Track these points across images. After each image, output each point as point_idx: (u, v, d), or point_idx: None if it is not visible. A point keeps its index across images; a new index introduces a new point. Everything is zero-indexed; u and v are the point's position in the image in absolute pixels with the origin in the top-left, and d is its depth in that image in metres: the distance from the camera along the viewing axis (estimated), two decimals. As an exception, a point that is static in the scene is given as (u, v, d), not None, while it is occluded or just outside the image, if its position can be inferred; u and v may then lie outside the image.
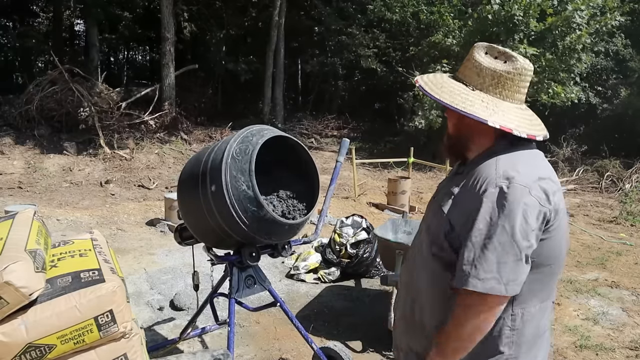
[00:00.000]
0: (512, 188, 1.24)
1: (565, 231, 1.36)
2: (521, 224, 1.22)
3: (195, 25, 14.62)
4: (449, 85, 1.36)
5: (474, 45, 1.41)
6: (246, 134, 2.43)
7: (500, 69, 1.33)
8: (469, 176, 1.35)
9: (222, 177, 2.28)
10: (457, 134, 1.43)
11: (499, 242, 1.22)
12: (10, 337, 1.48)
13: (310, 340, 2.80)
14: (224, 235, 2.43)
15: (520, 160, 1.32)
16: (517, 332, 1.34)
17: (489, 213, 1.24)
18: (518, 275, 1.24)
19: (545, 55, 10.74)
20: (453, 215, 1.33)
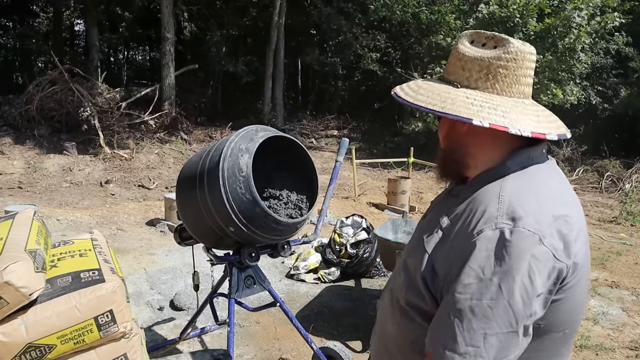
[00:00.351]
0: (518, 234, 0.92)
1: (585, 288, 1.04)
2: (524, 284, 0.91)
3: (195, 25, 14.62)
4: (428, 87, 1.06)
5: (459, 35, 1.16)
6: (245, 134, 2.43)
7: (488, 56, 1.03)
8: (464, 203, 1.04)
9: (220, 178, 2.28)
10: (450, 148, 1.11)
11: (490, 307, 0.91)
12: (10, 337, 1.48)
13: (310, 340, 2.80)
14: (223, 235, 2.43)
15: (534, 189, 1.00)
16: None
17: (482, 264, 0.93)
18: (510, 351, 0.93)
19: (545, 56, 10.74)
20: (438, 257, 1.02)
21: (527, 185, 1.00)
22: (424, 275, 1.02)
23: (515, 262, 0.91)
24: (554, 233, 0.94)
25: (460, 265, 0.95)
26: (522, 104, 1.04)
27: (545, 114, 1.07)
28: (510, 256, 0.91)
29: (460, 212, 1.02)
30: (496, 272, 0.91)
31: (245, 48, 17.14)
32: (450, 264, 0.98)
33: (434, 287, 1.01)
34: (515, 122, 0.98)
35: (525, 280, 0.91)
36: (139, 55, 23.72)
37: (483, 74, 1.03)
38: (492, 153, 1.05)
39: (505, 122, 0.97)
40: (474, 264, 0.93)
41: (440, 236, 1.04)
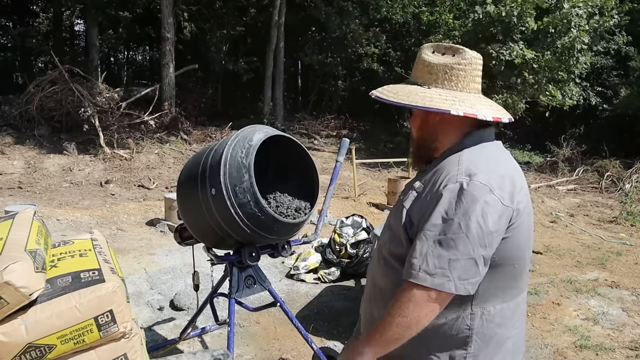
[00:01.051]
0: (473, 185, 1.21)
1: (528, 230, 1.34)
2: (478, 222, 1.18)
3: (195, 25, 14.62)
4: (404, 89, 1.34)
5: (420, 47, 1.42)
6: (245, 134, 2.43)
7: (450, 62, 1.33)
8: (431, 172, 1.33)
9: (221, 178, 2.28)
10: (423, 136, 1.41)
11: (453, 239, 1.19)
12: (10, 337, 1.48)
13: (310, 340, 2.80)
14: (224, 235, 2.43)
15: (484, 156, 1.30)
16: (477, 330, 1.30)
17: (446, 208, 1.21)
18: (471, 275, 1.20)
19: (545, 55, 10.73)
20: (413, 210, 1.30)
21: (479, 153, 1.31)
22: (405, 225, 1.30)
23: (471, 205, 1.19)
24: (501, 185, 1.24)
25: (430, 210, 1.23)
26: (478, 97, 1.34)
27: (494, 104, 1.37)
28: (467, 201, 1.20)
29: (429, 178, 1.32)
30: (457, 213, 1.20)
31: (245, 48, 17.14)
32: (422, 212, 1.26)
33: (411, 232, 1.29)
34: (481, 111, 1.29)
35: (480, 219, 1.19)
36: (139, 55, 23.73)
37: (448, 76, 1.33)
38: (453, 136, 1.36)
39: (473, 111, 1.28)
40: (440, 208, 1.22)
41: (415, 195, 1.33)
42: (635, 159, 11.44)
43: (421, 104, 1.28)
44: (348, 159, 8.75)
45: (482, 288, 1.26)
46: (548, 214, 7.84)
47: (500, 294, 1.32)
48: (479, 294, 1.27)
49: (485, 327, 1.31)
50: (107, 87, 11.65)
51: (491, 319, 1.31)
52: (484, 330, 1.31)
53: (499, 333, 1.33)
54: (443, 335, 1.30)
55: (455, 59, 1.33)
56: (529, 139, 14.71)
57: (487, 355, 1.33)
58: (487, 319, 1.31)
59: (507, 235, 1.25)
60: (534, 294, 4.40)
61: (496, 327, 1.32)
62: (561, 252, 5.86)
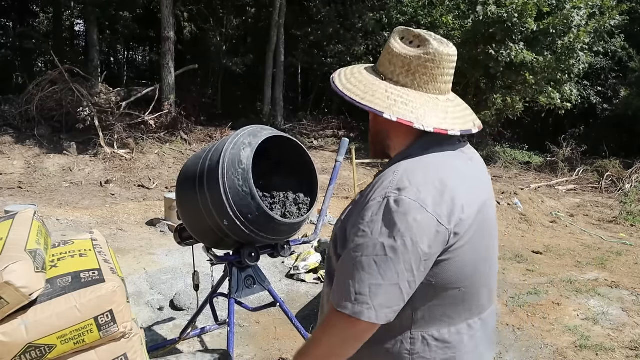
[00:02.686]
0: (401, 202, 1.05)
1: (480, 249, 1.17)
2: (405, 243, 1.03)
3: (195, 25, 14.62)
4: (359, 77, 1.19)
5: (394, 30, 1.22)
6: (244, 134, 2.43)
7: (410, 54, 1.14)
8: (373, 182, 1.17)
9: (220, 178, 2.28)
10: (375, 132, 1.29)
11: (375, 262, 1.04)
12: (11, 337, 1.48)
13: (310, 340, 2.79)
14: (223, 236, 2.43)
15: (425, 167, 1.12)
16: (418, 356, 1.17)
17: (370, 226, 1.06)
18: (394, 303, 1.06)
19: (546, 56, 10.73)
20: (348, 224, 1.15)
21: (419, 163, 1.13)
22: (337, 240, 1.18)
23: (398, 223, 1.04)
24: (437, 202, 1.06)
25: (355, 227, 1.09)
26: (435, 100, 1.16)
27: (457, 109, 1.19)
28: (394, 219, 1.04)
29: (368, 187, 1.16)
30: (382, 233, 1.04)
31: (245, 48, 17.13)
32: (352, 225, 1.12)
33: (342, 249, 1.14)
34: (422, 118, 1.11)
35: (407, 239, 1.03)
36: (139, 55, 23.72)
37: (404, 70, 1.15)
38: (404, 138, 1.20)
39: (412, 118, 1.11)
40: (364, 226, 1.07)
41: (351, 207, 1.20)
42: (635, 159, 11.44)
43: (359, 98, 1.13)
44: (348, 158, 8.75)
45: (421, 313, 1.15)
46: (548, 214, 7.84)
47: (446, 319, 1.18)
48: (419, 318, 1.15)
49: (428, 352, 1.17)
50: (107, 87, 11.64)
51: (435, 344, 1.17)
52: (426, 356, 1.17)
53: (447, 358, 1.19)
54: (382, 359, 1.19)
55: (417, 51, 1.14)
56: (529, 139, 14.71)
57: None
58: (430, 344, 1.17)
59: (446, 258, 1.10)
60: (534, 294, 4.40)
61: (442, 351, 1.18)
62: (561, 252, 5.87)
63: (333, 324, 1.11)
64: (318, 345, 1.14)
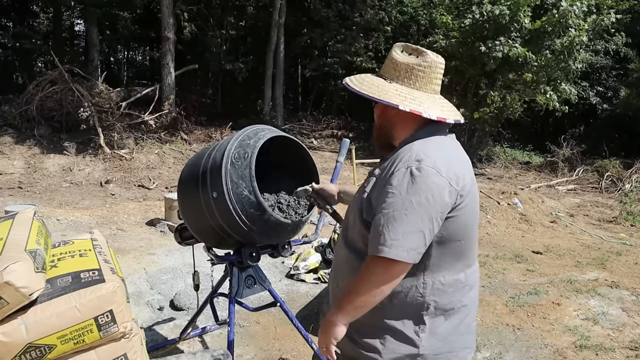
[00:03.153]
0: (421, 169, 1.37)
1: (474, 211, 1.52)
2: (427, 199, 1.35)
3: (195, 25, 14.61)
4: (370, 81, 1.53)
5: (394, 45, 1.58)
6: (246, 134, 2.43)
7: (412, 62, 1.49)
8: (389, 160, 1.49)
9: (222, 178, 2.28)
10: (382, 125, 1.60)
11: (406, 214, 1.35)
12: (11, 337, 1.48)
13: (310, 340, 2.80)
14: (225, 236, 2.43)
15: (433, 145, 1.46)
16: (429, 298, 1.48)
17: (398, 189, 1.37)
18: (418, 245, 1.37)
19: (545, 55, 10.72)
20: (373, 194, 1.47)
21: (429, 143, 1.47)
22: (361, 209, 1.49)
23: (421, 185, 1.36)
24: (447, 169, 1.40)
25: (385, 191, 1.40)
26: (432, 97, 1.52)
27: (448, 106, 1.55)
28: (417, 182, 1.36)
29: (386, 164, 1.49)
30: (409, 192, 1.36)
31: (245, 48, 17.13)
32: (379, 194, 1.43)
33: (367, 214, 1.46)
34: (427, 110, 1.47)
35: (429, 196, 1.36)
36: (139, 55, 23.72)
37: (408, 74, 1.51)
38: (408, 128, 1.54)
39: (420, 109, 1.46)
40: (393, 189, 1.38)
41: (374, 181, 1.51)
42: (635, 159, 11.45)
43: (376, 95, 1.47)
44: (348, 159, 8.75)
45: (432, 261, 1.46)
46: (548, 214, 7.84)
47: (449, 267, 1.50)
48: (430, 265, 1.46)
49: (437, 295, 1.48)
50: (107, 87, 11.64)
51: (442, 288, 1.49)
52: (436, 298, 1.48)
53: (451, 301, 1.51)
54: (399, 303, 1.47)
55: (417, 60, 1.50)
56: (528, 139, 14.71)
57: (438, 324, 1.50)
58: (437, 288, 1.48)
59: (453, 215, 1.42)
60: (534, 294, 4.40)
61: (448, 295, 1.50)
62: (561, 252, 5.87)
63: (371, 270, 1.39)
64: (357, 294, 1.40)
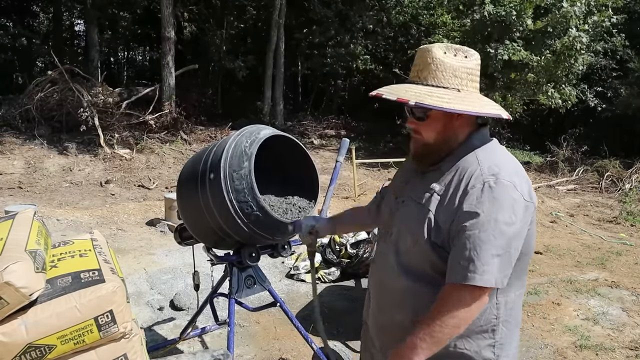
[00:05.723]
0: (500, 184, 1.26)
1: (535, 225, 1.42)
2: (511, 218, 1.24)
3: (195, 25, 14.61)
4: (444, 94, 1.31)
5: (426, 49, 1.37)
6: (245, 134, 2.43)
7: (470, 65, 1.36)
8: (449, 173, 1.35)
9: (222, 177, 2.28)
10: (443, 140, 1.39)
11: (493, 236, 1.23)
12: (11, 337, 1.48)
13: (310, 340, 2.80)
14: (224, 236, 2.43)
15: (498, 155, 1.36)
16: (502, 319, 1.38)
17: (479, 207, 1.25)
18: (508, 268, 1.27)
19: (545, 55, 10.72)
20: (440, 215, 1.31)
21: (492, 153, 1.36)
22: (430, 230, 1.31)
23: (502, 202, 1.25)
24: (520, 182, 1.30)
25: (463, 212, 1.26)
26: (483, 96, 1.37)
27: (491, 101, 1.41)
28: (498, 200, 1.25)
29: (450, 179, 1.34)
30: (492, 210, 1.24)
31: (245, 48, 17.13)
32: (452, 215, 1.28)
33: (437, 236, 1.30)
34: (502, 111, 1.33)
35: (512, 215, 1.25)
36: (139, 55, 23.71)
37: (471, 78, 1.36)
38: (462, 136, 1.39)
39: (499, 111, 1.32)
40: (474, 208, 1.25)
41: (438, 199, 1.33)
42: (635, 159, 11.43)
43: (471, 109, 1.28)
44: (348, 159, 8.75)
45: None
46: (548, 214, 7.83)
47: (517, 282, 1.39)
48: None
49: (508, 314, 1.39)
50: (107, 87, 11.64)
51: (511, 306, 1.39)
52: (507, 318, 1.38)
53: (516, 318, 1.42)
54: (472, 325, 1.32)
55: (473, 61, 1.37)
56: (528, 138, 14.70)
57: (510, 340, 1.41)
58: (508, 307, 1.38)
59: (528, 229, 1.32)
60: (534, 294, 4.40)
61: (515, 313, 1.41)
62: (561, 252, 5.86)
63: (457, 299, 1.25)
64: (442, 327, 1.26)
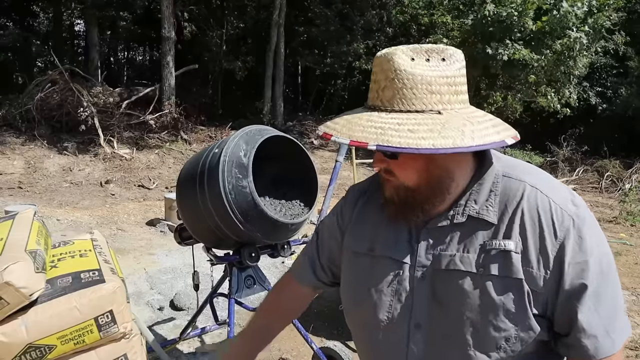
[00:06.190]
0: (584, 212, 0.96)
1: None
2: (608, 248, 0.97)
3: (195, 25, 14.62)
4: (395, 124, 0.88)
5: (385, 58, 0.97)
6: (244, 134, 2.43)
7: (450, 72, 0.92)
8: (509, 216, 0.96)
9: (220, 177, 2.28)
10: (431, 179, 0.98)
11: (611, 282, 0.96)
12: (11, 337, 1.48)
13: (310, 340, 2.80)
14: (222, 236, 2.43)
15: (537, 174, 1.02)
16: None
17: (586, 252, 0.93)
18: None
19: (546, 55, 10.72)
20: (529, 277, 0.94)
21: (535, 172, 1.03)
22: (530, 302, 0.95)
23: (597, 233, 0.96)
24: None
25: (571, 265, 0.93)
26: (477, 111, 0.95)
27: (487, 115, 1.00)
28: (593, 230, 0.95)
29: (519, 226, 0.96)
30: (594, 248, 0.93)
31: (245, 48, 17.14)
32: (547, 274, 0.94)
33: (537, 305, 0.95)
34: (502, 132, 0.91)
35: (605, 245, 0.97)
36: (139, 55, 23.72)
37: (453, 90, 0.92)
38: (467, 165, 1.01)
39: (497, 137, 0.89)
40: (581, 256, 0.92)
41: (520, 257, 0.95)
42: (635, 159, 11.44)
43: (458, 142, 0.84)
44: (348, 158, 8.75)
45: None
46: (548, 214, 7.83)
47: None
48: None
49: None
50: (107, 87, 11.65)
51: None
52: None
53: None
54: None
55: (455, 65, 0.93)
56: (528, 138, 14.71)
57: None
58: None
59: None
60: (533, 294, 4.40)
61: None
62: (561, 252, 5.86)
63: None
64: None
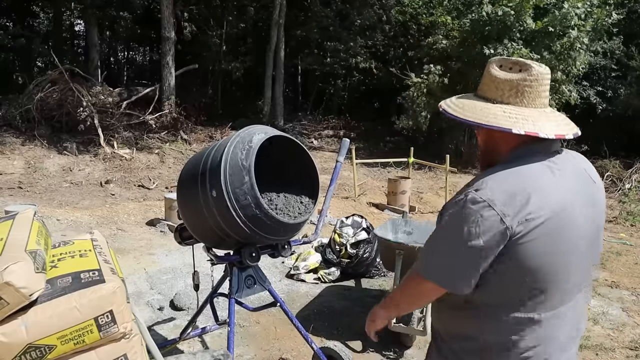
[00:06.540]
0: (472, 198, 1.28)
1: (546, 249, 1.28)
2: (469, 231, 1.27)
3: (195, 25, 14.62)
4: (470, 104, 1.39)
5: (488, 61, 1.43)
6: (245, 134, 2.43)
7: (515, 78, 1.35)
8: None
9: (222, 178, 2.28)
10: (487, 148, 1.47)
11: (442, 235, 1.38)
12: (11, 337, 1.48)
13: (310, 340, 2.80)
14: (224, 236, 2.43)
15: (510, 172, 1.32)
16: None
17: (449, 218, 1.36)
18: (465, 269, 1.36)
19: (544, 55, 10.72)
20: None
21: (505, 169, 1.33)
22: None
23: (466, 215, 1.28)
24: (507, 203, 1.25)
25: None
26: (544, 112, 1.36)
27: (561, 118, 1.39)
28: (464, 211, 1.29)
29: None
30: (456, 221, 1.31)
31: (245, 48, 17.14)
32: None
33: None
34: (543, 128, 1.31)
35: (472, 228, 1.26)
36: (139, 55, 23.72)
37: (513, 92, 1.35)
38: (507, 148, 1.38)
39: (535, 129, 1.30)
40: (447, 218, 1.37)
41: None
42: (635, 159, 11.42)
43: (484, 121, 1.33)
44: (348, 158, 8.75)
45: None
46: (548, 214, 7.83)
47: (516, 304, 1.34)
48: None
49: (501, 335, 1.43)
50: (107, 87, 11.64)
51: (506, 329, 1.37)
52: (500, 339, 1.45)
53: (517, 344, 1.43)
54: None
55: (521, 75, 1.35)
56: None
57: None
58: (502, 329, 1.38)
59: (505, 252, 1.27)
60: (534, 294, 4.40)
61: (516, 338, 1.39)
62: (561, 252, 5.86)
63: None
64: None
